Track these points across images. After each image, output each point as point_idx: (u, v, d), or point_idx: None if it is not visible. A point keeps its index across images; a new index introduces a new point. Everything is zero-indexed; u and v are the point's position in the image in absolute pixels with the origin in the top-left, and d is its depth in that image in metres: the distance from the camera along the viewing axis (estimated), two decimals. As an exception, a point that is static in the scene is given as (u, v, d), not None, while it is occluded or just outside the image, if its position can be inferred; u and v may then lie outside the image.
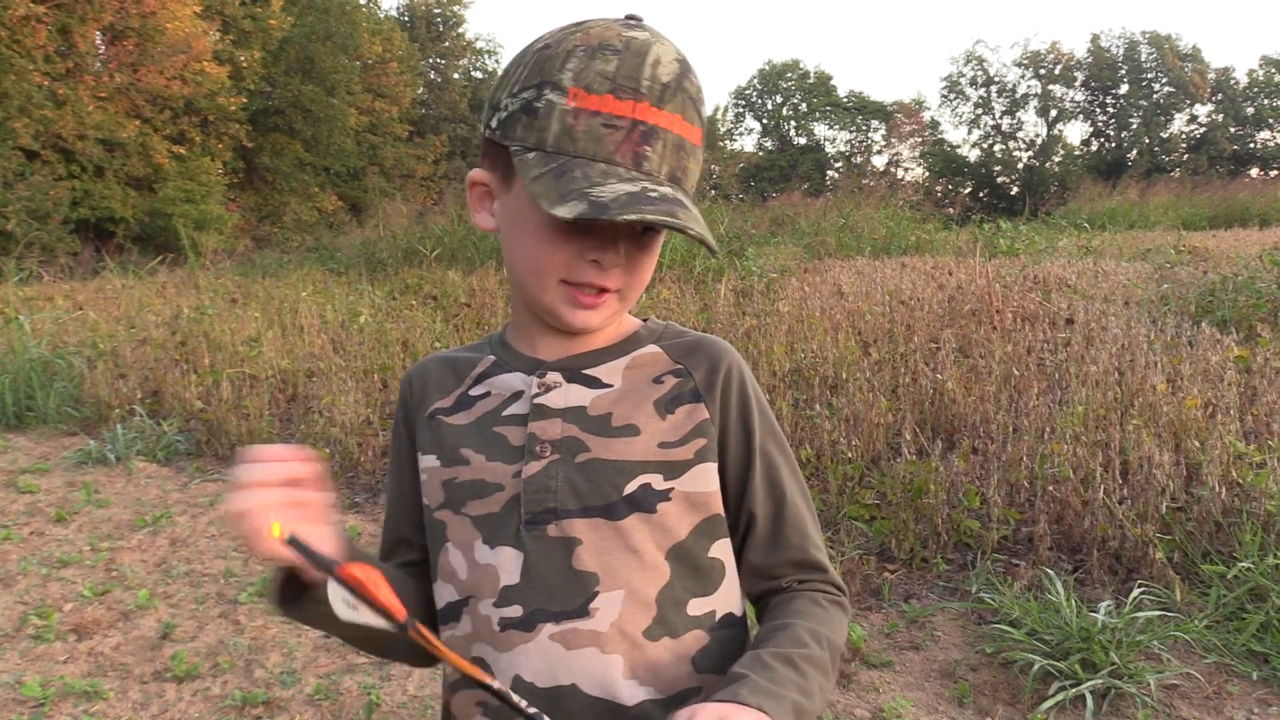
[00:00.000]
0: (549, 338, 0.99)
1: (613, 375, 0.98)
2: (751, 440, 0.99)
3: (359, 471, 4.82)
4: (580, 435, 0.95)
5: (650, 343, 1.01)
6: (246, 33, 24.19)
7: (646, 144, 0.85)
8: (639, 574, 0.93)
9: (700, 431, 0.96)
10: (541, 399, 0.97)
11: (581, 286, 0.91)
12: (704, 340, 1.02)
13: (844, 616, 1.00)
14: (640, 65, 0.86)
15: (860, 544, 3.59)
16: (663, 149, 0.86)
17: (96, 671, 2.92)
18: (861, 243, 12.78)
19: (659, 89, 0.86)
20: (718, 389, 0.98)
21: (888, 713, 2.55)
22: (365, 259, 12.29)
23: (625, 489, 0.93)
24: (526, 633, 0.92)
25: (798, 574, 1.00)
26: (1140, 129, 40.45)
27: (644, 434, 0.95)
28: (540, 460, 0.94)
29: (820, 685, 0.89)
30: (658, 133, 0.86)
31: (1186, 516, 3.27)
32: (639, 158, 0.85)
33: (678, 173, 0.88)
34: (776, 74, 46.22)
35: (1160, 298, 7.08)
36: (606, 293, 0.92)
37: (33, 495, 4.65)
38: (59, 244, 16.52)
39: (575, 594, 0.91)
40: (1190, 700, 2.56)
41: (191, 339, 7.09)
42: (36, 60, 18.27)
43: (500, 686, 0.81)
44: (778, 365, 5.18)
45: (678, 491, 0.95)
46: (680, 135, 0.88)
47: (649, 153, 0.86)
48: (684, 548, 0.95)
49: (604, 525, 0.93)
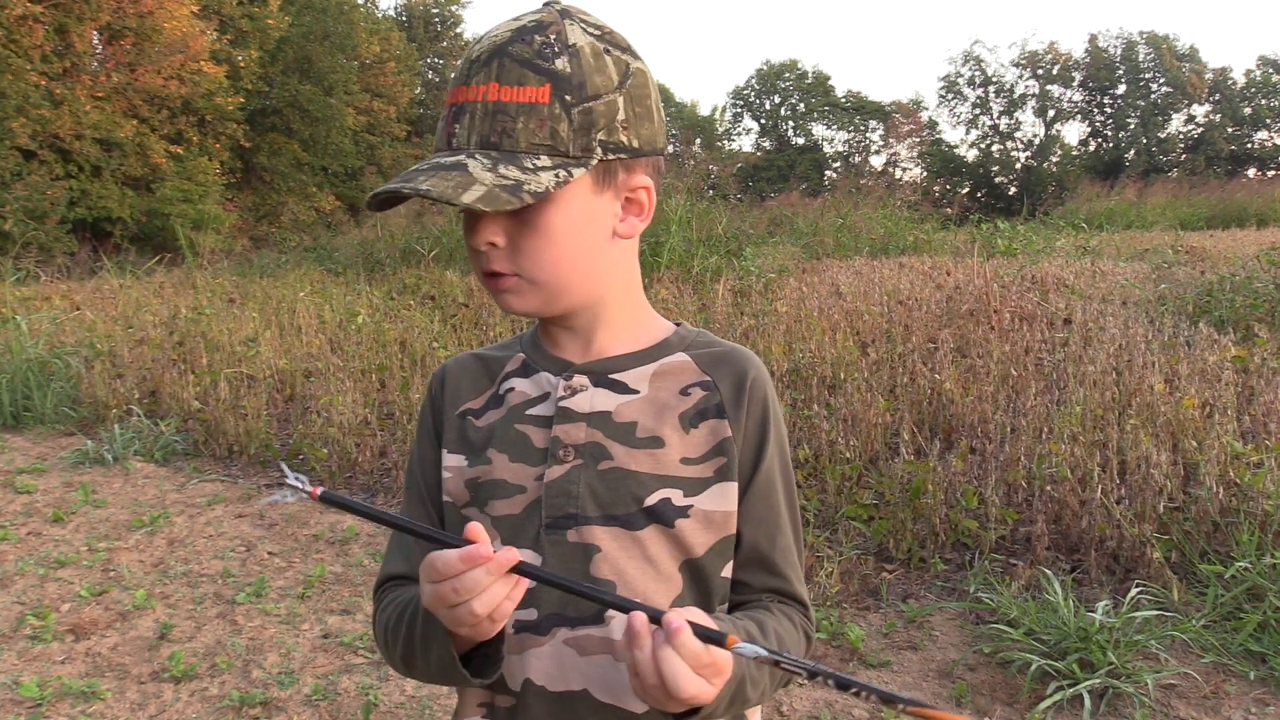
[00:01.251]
0: (568, 338, 1.00)
1: (640, 381, 0.98)
2: (760, 462, 0.98)
3: (356, 472, 4.82)
4: (604, 442, 0.94)
5: (680, 350, 1.00)
6: (244, 32, 24.17)
7: (456, 122, 0.88)
8: (654, 584, 0.93)
9: (722, 450, 0.96)
10: (567, 402, 0.96)
11: (484, 275, 0.93)
12: (734, 352, 1.01)
13: (805, 645, 0.99)
14: (468, 53, 0.91)
15: (858, 544, 3.59)
16: (470, 120, 0.88)
17: (94, 672, 2.91)
18: (859, 243, 12.78)
19: (468, 67, 0.89)
20: (744, 407, 0.97)
21: (886, 713, 2.55)
22: (363, 259, 12.28)
23: (645, 501, 0.93)
24: (540, 636, 0.93)
25: (776, 597, 1.00)
26: (1138, 129, 40.47)
27: (667, 447, 0.94)
28: (563, 465, 0.94)
29: (766, 685, 0.90)
30: (464, 108, 0.88)
31: (1184, 516, 3.27)
32: (449, 136, 0.89)
33: (492, 136, 0.87)
34: (774, 74, 46.22)
35: (1158, 298, 7.09)
36: (504, 277, 0.91)
37: (30, 495, 4.64)
38: (56, 244, 16.50)
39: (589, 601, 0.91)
40: (1188, 700, 2.56)
41: (189, 339, 7.08)
42: (33, 60, 18.24)
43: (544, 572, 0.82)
44: (776, 365, 5.18)
45: (696, 509, 0.94)
46: (497, 100, 0.87)
47: (457, 129, 0.88)
48: (698, 565, 0.95)
49: (623, 534, 0.93)
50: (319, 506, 4.44)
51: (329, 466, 4.82)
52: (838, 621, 3.05)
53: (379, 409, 5.45)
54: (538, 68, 0.87)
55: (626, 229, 0.95)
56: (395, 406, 5.38)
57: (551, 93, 0.87)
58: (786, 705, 2.61)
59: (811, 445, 4.22)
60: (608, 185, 0.92)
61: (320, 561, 3.76)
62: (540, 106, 0.87)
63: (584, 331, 0.99)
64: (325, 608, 3.35)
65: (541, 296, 0.93)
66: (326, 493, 0.78)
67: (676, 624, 0.75)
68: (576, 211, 0.90)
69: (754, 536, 0.98)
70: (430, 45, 36.30)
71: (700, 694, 0.77)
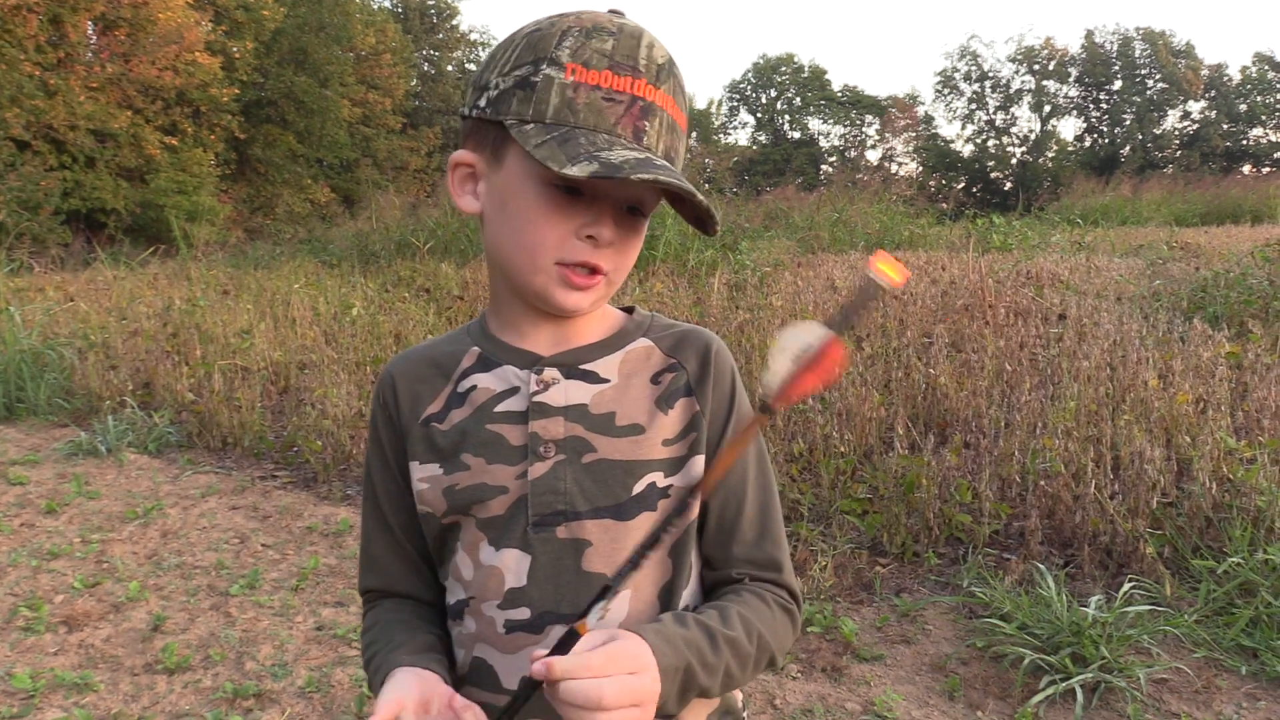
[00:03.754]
0: (539, 327, 0.97)
1: (609, 370, 0.97)
2: (725, 432, 0.98)
3: (351, 464, 4.81)
4: (585, 434, 0.93)
5: (640, 336, 1.00)
6: (239, 23, 24.08)
7: (645, 119, 0.85)
8: (643, 573, 0.92)
9: (694, 425, 0.96)
10: (541, 396, 0.94)
11: (575, 267, 0.89)
12: (692, 332, 1.01)
13: (788, 621, 0.97)
14: (637, 45, 0.86)
15: (852, 538, 3.59)
16: (659, 126, 0.87)
17: (87, 663, 2.91)
18: (855, 237, 12.79)
19: (655, 68, 0.86)
20: (709, 382, 0.97)
21: (879, 706, 2.55)
22: (358, 251, 12.27)
23: (634, 489, 0.93)
24: (535, 635, 0.92)
25: (750, 569, 0.98)
26: (1133, 125, 40.53)
27: (649, 432, 0.94)
28: (545, 461, 0.92)
29: (729, 669, 0.88)
30: (655, 110, 0.86)
31: (1177, 512, 3.28)
32: (639, 132, 0.85)
33: (671, 153, 0.88)
34: (771, 68, 46.20)
35: (1152, 294, 7.10)
36: (598, 274, 0.90)
37: (23, 487, 4.63)
38: (50, 235, 16.46)
39: (585, 596, 0.89)
40: (1180, 694, 2.57)
41: (183, 331, 7.06)
42: (27, 50, 18.17)
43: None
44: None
45: (676, 487, 0.94)
46: (673, 117, 0.88)
47: (648, 128, 0.86)
48: (681, 544, 0.95)
49: (614, 526, 0.92)
50: (313, 499, 4.43)
51: (323, 459, 4.81)
52: (831, 615, 3.05)
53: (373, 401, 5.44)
54: (686, 99, 0.92)
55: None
56: (390, 399, 5.36)
57: (688, 126, 0.93)
58: (780, 699, 2.61)
59: (806, 439, 4.22)
60: None
61: (314, 554, 3.76)
62: (686, 138, 0.92)
63: (567, 326, 0.98)
64: (319, 600, 3.35)
65: (604, 296, 0.94)
66: None
67: (537, 667, 0.75)
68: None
69: (722, 506, 0.98)
70: (426, 38, 36.20)
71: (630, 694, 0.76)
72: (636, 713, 0.76)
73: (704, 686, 0.85)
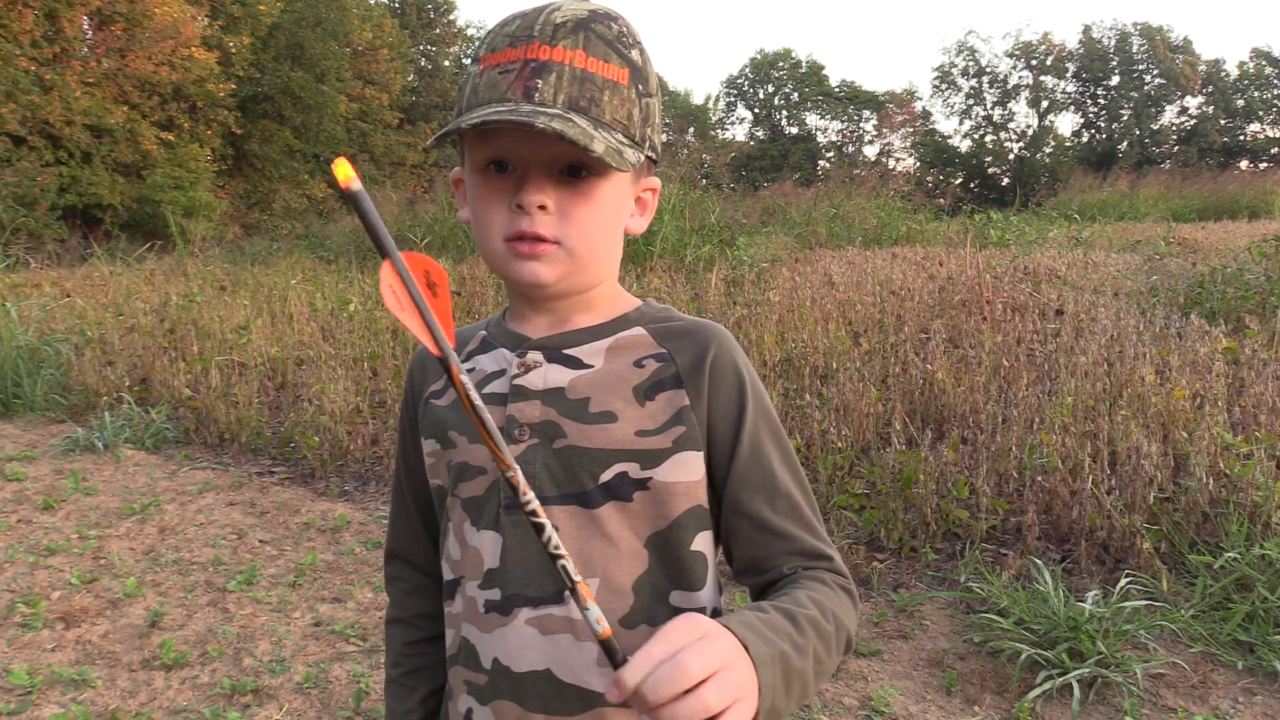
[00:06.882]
0: (537, 312, 0.99)
1: (594, 356, 0.96)
2: (741, 428, 0.95)
3: (348, 460, 4.81)
4: (558, 419, 0.93)
5: (638, 324, 0.99)
6: (235, 18, 24.05)
7: (537, 77, 0.86)
8: (614, 563, 0.92)
9: (680, 419, 0.94)
10: (521, 379, 0.95)
11: (516, 239, 0.90)
12: (696, 325, 0.99)
13: (851, 603, 0.94)
14: (536, 16, 0.88)
15: (849, 533, 3.60)
16: (558, 80, 0.86)
17: (84, 659, 2.91)
18: (852, 233, 12.80)
19: (551, 29, 0.87)
20: (704, 375, 0.95)
21: (876, 701, 2.56)
22: (355, 247, 12.25)
23: (601, 477, 0.92)
24: (504, 616, 0.92)
25: (800, 561, 0.96)
26: (1131, 120, 40.55)
27: (621, 421, 0.93)
28: (519, 444, 0.93)
29: (818, 653, 0.83)
30: (550, 66, 0.86)
31: (1174, 507, 3.29)
32: (529, 90, 0.86)
33: (581, 102, 0.87)
34: (768, 63, 46.16)
35: (1149, 289, 7.11)
36: (544, 243, 0.90)
37: (20, 483, 4.63)
38: (46, 230, 16.44)
39: (551, 580, 0.90)
40: (1176, 689, 2.58)
41: (180, 326, 7.05)
42: (23, 45, 18.13)
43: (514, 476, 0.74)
44: (768, 355, 5.18)
45: (656, 481, 0.93)
46: (584, 69, 0.87)
47: (540, 84, 0.86)
48: (663, 537, 0.94)
49: (580, 513, 0.92)
50: (310, 495, 4.43)
51: (320, 455, 4.81)
52: (829, 610, 3.06)
53: (371, 397, 5.44)
54: (619, 51, 0.89)
55: (634, 224, 0.99)
56: (387, 395, 5.37)
57: (630, 78, 0.90)
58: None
59: (803, 435, 4.22)
60: (636, 178, 0.96)
61: (311, 550, 3.76)
62: (621, 87, 0.89)
63: (564, 311, 0.98)
64: (316, 596, 3.35)
65: (569, 268, 0.92)
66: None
67: (613, 693, 0.70)
68: (618, 194, 0.93)
69: (753, 504, 0.96)
70: (423, 33, 36.14)
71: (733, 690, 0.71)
72: (742, 707, 0.72)
73: (798, 672, 0.80)
